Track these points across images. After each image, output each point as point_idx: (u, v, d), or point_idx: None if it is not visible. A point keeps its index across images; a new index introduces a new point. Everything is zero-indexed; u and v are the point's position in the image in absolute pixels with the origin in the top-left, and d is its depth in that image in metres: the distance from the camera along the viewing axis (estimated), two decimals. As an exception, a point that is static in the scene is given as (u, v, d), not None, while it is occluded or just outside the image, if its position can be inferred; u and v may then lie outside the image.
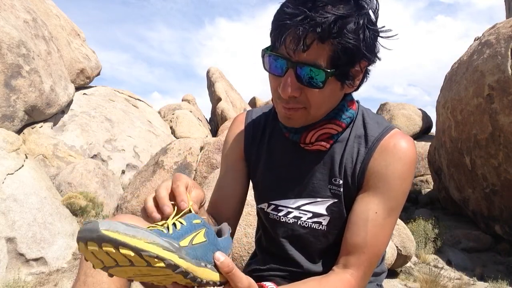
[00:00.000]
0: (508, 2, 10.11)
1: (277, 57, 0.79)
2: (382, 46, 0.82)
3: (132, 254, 0.49)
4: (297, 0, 0.75)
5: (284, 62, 0.78)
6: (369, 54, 0.79)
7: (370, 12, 0.78)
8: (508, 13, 9.93)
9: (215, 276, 0.60)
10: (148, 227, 0.57)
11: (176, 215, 0.64)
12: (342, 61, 0.76)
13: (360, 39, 0.75)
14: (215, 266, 0.61)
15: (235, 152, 1.06)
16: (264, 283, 0.72)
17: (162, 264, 0.51)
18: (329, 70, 0.76)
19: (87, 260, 0.52)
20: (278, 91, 0.81)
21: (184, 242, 0.57)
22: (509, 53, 4.63)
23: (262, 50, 0.83)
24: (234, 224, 1.03)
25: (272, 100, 0.93)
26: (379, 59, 0.83)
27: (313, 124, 0.89)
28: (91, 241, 0.48)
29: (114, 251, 0.48)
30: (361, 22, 0.75)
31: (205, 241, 0.61)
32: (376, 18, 0.79)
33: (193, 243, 0.58)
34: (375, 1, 0.78)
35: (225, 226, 0.74)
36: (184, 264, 0.53)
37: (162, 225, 0.60)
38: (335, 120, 0.90)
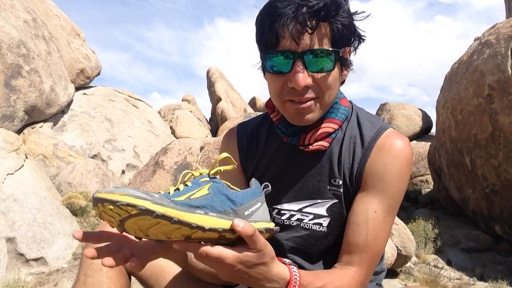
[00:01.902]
0: (508, 2, 10.11)
1: (281, 53, 0.79)
2: (359, 29, 0.85)
3: (112, 206, 0.57)
4: None
5: (289, 56, 0.78)
6: (357, 36, 0.84)
7: (347, 8, 0.82)
8: (508, 13, 9.93)
9: (221, 223, 0.62)
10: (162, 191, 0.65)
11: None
12: (341, 41, 0.80)
13: (352, 19, 0.80)
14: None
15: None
16: (284, 259, 0.74)
17: (135, 211, 0.57)
18: (335, 50, 0.79)
19: (102, 219, 0.62)
20: (284, 90, 0.83)
21: (181, 198, 0.62)
22: (509, 53, 4.63)
23: (265, 54, 0.82)
24: None
25: (266, 106, 0.94)
26: (363, 40, 0.87)
27: (309, 125, 0.91)
28: (94, 203, 0.59)
29: (103, 207, 0.58)
30: (346, 3, 0.80)
31: (208, 193, 0.65)
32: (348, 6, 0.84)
33: (192, 197, 0.63)
34: None
35: (252, 181, 0.75)
36: (160, 209, 0.57)
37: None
38: (330, 118, 0.91)
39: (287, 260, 0.75)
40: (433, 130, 10.15)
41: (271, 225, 0.70)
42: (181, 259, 0.84)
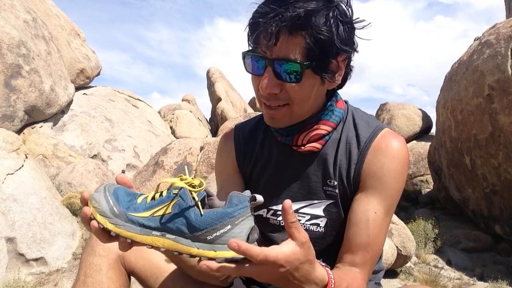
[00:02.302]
0: (508, 2, 10.11)
1: (255, 56, 0.81)
2: (359, 38, 0.84)
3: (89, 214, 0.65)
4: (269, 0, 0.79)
5: (262, 61, 0.80)
6: (345, 47, 0.80)
7: (342, 5, 0.81)
8: (508, 13, 9.93)
9: (176, 247, 0.62)
10: (142, 196, 0.67)
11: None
12: (316, 53, 0.78)
13: (333, 32, 0.77)
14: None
15: (229, 166, 1.06)
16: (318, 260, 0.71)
17: (99, 225, 0.63)
18: (304, 63, 0.78)
19: None
20: (259, 92, 0.84)
21: (146, 214, 0.64)
22: (509, 53, 4.62)
23: (242, 52, 0.85)
24: None
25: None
26: (357, 51, 0.85)
27: (303, 125, 0.91)
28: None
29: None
30: (331, 14, 0.77)
31: (170, 213, 0.64)
32: (351, 11, 0.82)
33: (155, 215, 0.64)
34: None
35: (230, 196, 0.65)
36: (115, 229, 0.63)
37: (152, 194, 0.67)
38: (324, 120, 0.92)
39: (321, 262, 0.73)
40: (433, 130, 10.15)
41: (238, 256, 0.60)
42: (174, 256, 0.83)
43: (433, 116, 9.96)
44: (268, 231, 1.00)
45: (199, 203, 0.63)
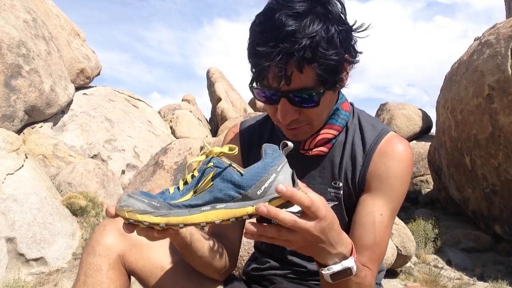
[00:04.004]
0: (508, 2, 10.11)
1: (267, 89, 0.80)
2: (358, 37, 0.83)
3: (127, 222, 0.62)
4: (264, 33, 0.75)
5: (274, 93, 0.80)
6: (350, 57, 0.81)
7: (336, 10, 0.77)
8: (508, 13, 9.93)
9: (231, 213, 0.61)
10: (171, 187, 0.66)
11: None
12: (329, 77, 0.77)
13: (338, 51, 0.76)
14: (244, 198, 0.62)
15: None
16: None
17: (144, 226, 0.61)
18: (321, 91, 0.78)
19: None
20: (276, 116, 0.84)
21: (187, 197, 0.63)
22: (509, 53, 4.62)
23: (249, 86, 0.84)
24: (240, 235, 1.03)
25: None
26: (360, 53, 0.85)
27: None
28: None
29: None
30: (332, 33, 0.74)
31: (211, 184, 0.63)
32: (345, 15, 0.80)
33: (197, 193, 0.63)
34: (337, 3, 0.78)
35: (263, 148, 0.67)
36: (163, 220, 0.60)
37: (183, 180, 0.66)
38: (330, 125, 0.93)
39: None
40: (433, 130, 10.15)
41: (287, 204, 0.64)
42: (184, 243, 0.83)
43: (433, 116, 9.98)
44: None
45: (235, 165, 0.65)
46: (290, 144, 0.66)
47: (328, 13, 0.75)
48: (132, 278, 1.00)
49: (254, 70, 0.80)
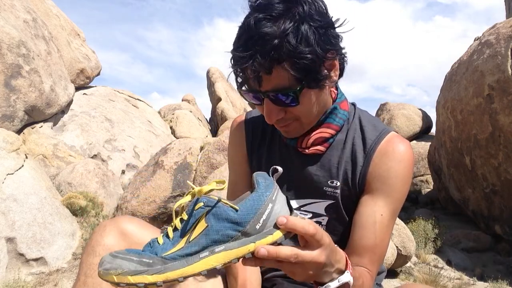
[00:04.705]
0: (508, 2, 10.11)
1: (250, 91, 0.82)
2: (341, 32, 0.82)
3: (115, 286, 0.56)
4: (240, 39, 0.77)
5: (257, 94, 0.81)
6: (327, 52, 0.79)
7: (306, 7, 0.76)
8: (508, 13, 9.93)
9: (233, 254, 0.56)
10: (158, 237, 0.60)
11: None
12: (303, 74, 0.76)
13: (311, 46, 0.75)
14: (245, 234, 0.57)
15: (240, 155, 1.08)
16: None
17: (141, 285, 0.54)
18: (297, 89, 0.78)
19: None
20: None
21: (180, 245, 0.57)
22: (509, 53, 4.62)
23: (237, 89, 0.86)
24: None
25: None
26: (343, 48, 0.84)
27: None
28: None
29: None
30: (303, 30, 0.74)
31: (206, 226, 0.57)
32: (324, 8, 0.79)
33: (191, 239, 0.57)
34: (315, 1, 0.78)
35: (254, 178, 0.63)
36: (159, 277, 0.54)
37: (171, 226, 0.61)
38: (327, 124, 0.93)
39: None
40: (433, 130, 10.15)
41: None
42: None
43: (433, 116, 9.98)
44: None
45: (226, 200, 0.59)
46: (280, 169, 0.64)
47: (302, 12, 0.75)
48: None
49: (235, 75, 0.83)
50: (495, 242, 5.31)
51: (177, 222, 0.59)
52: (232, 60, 0.80)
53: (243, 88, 0.83)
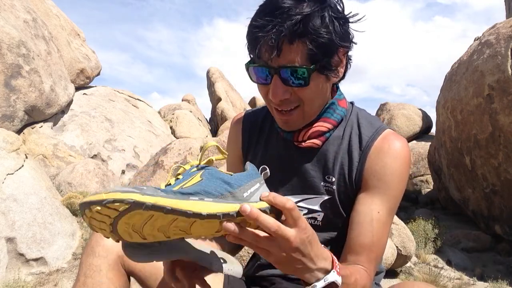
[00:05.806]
0: (508, 2, 10.11)
1: (259, 67, 0.83)
2: (354, 30, 0.86)
3: (99, 207, 0.53)
4: (263, 11, 0.80)
5: (266, 71, 0.83)
6: (344, 42, 0.83)
7: (333, 1, 0.82)
8: (508, 13, 9.93)
9: (220, 208, 0.58)
10: (162, 183, 0.62)
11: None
12: (319, 55, 0.80)
13: (331, 32, 0.79)
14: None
15: (235, 153, 1.10)
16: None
17: (124, 206, 0.52)
18: (310, 67, 0.80)
19: (94, 229, 0.58)
20: (268, 98, 0.86)
21: (177, 187, 0.60)
22: (509, 53, 4.62)
23: (245, 64, 0.87)
24: None
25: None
26: (355, 43, 0.88)
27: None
28: (82, 211, 0.55)
29: (90, 212, 0.54)
30: (326, 15, 0.79)
31: (201, 179, 0.61)
32: (342, 5, 0.84)
33: (185, 186, 0.60)
34: None
35: (248, 164, 0.70)
36: (150, 199, 0.53)
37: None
38: (325, 118, 0.94)
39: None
40: (433, 130, 10.15)
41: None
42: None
43: (433, 116, 9.98)
44: None
45: (224, 170, 0.65)
46: (268, 170, 0.71)
47: (325, 1, 0.80)
48: (132, 279, 1.00)
49: (248, 42, 0.84)
50: (495, 242, 5.31)
51: (172, 179, 0.63)
52: (251, 30, 0.81)
53: (255, 63, 0.84)
